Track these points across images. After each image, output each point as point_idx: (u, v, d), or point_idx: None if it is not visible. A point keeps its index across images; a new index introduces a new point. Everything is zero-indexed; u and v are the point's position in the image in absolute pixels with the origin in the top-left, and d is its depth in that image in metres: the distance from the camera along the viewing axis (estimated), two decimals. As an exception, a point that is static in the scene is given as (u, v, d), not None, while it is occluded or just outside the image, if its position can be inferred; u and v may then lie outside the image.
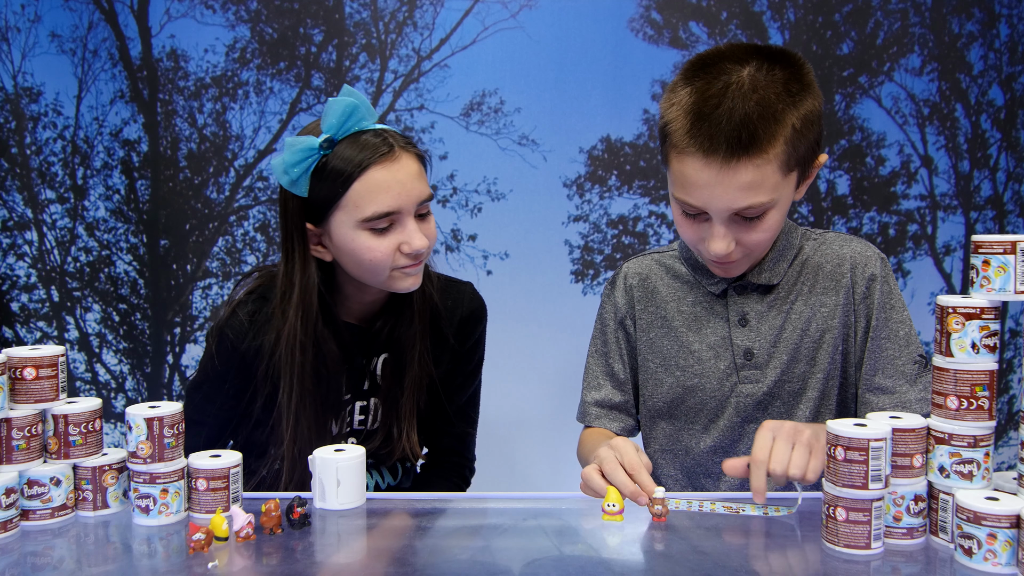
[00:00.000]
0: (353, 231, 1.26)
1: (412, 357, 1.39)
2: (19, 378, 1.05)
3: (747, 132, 1.10)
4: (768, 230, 1.19)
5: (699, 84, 1.15)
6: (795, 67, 1.17)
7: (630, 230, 2.49)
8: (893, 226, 2.52)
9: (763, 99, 1.12)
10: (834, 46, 2.47)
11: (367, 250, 1.27)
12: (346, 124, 1.25)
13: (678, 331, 1.36)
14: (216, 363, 1.37)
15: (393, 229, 1.27)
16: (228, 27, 2.43)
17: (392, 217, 1.26)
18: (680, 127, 1.15)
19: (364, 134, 1.26)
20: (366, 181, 1.24)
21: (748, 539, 1.03)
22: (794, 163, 1.16)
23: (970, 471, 0.96)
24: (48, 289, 2.52)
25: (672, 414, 1.37)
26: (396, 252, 1.27)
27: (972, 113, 2.51)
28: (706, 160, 1.13)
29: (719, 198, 1.15)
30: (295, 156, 1.25)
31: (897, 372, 1.27)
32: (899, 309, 1.30)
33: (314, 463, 1.12)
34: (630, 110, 2.44)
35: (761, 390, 1.30)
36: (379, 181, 1.24)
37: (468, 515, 1.18)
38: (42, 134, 2.48)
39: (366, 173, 1.24)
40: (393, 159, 1.25)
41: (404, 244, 1.27)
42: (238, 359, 1.37)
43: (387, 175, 1.25)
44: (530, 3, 2.42)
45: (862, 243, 1.33)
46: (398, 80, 2.46)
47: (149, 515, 1.06)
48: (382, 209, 1.25)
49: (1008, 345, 2.60)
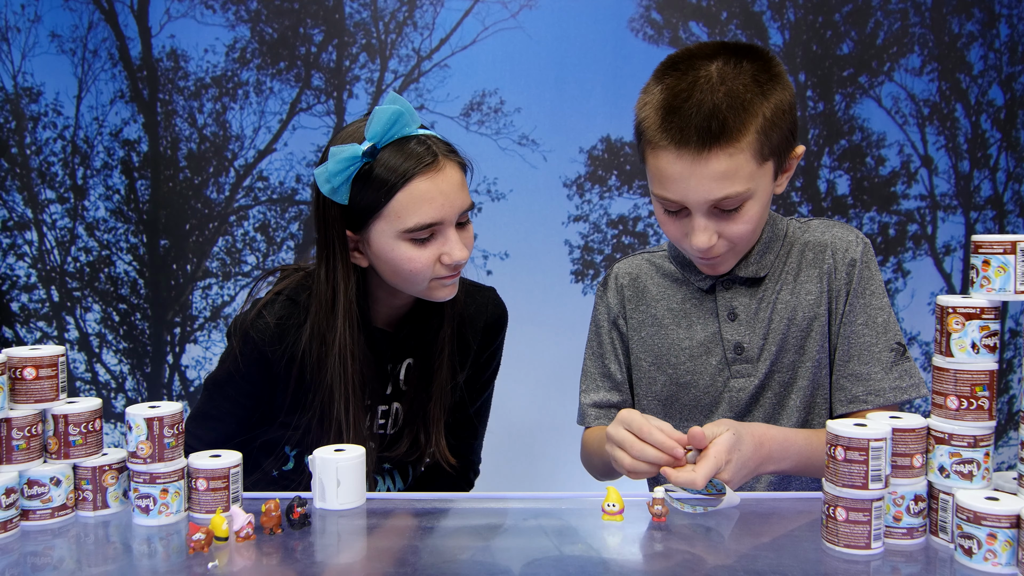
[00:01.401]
0: (394, 241, 1.25)
1: (440, 362, 1.38)
2: (19, 378, 1.05)
3: (717, 121, 1.13)
4: (749, 222, 1.20)
5: (669, 81, 1.18)
6: (763, 60, 1.20)
7: (630, 230, 2.49)
8: (893, 226, 2.52)
9: (731, 90, 1.15)
10: (834, 46, 2.47)
11: (407, 260, 1.25)
12: (390, 131, 1.24)
13: (668, 329, 1.36)
14: (240, 363, 1.34)
15: (434, 239, 1.26)
16: (228, 27, 2.43)
17: (434, 228, 1.25)
18: (652, 123, 1.18)
19: (409, 141, 1.25)
20: (409, 191, 1.22)
21: (748, 539, 1.03)
22: (768, 152, 1.17)
23: (970, 471, 0.96)
24: (48, 289, 2.52)
25: (667, 412, 1.37)
26: (436, 263, 1.26)
27: (972, 113, 2.51)
28: (678, 152, 1.15)
29: (694, 190, 1.17)
30: (339, 165, 1.23)
31: (873, 359, 1.27)
32: (878, 295, 1.29)
33: (314, 463, 1.12)
34: (630, 110, 2.41)
35: (753, 383, 1.30)
36: (423, 192, 1.23)
37: (468, 515, 1.18)
38: (42, 134, 2.48)
39: (410, 184, 1.22)
40: (437, 169, 1.24)
41: (445, 255, 1.26)
42: (263, 361, 1.34)
43: (430, 186, 1.23)
44: (530, 3, 2.42)
45: (844, 228, 1.33)
46: (398, 80, 2.46)
47: (149, 515, 1.06)
48: (424, 220, 1.23)
49: (1008, 345, 2.60)
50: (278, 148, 2.48)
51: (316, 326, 1.31)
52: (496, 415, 1.62)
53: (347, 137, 1.27)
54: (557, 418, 2.44)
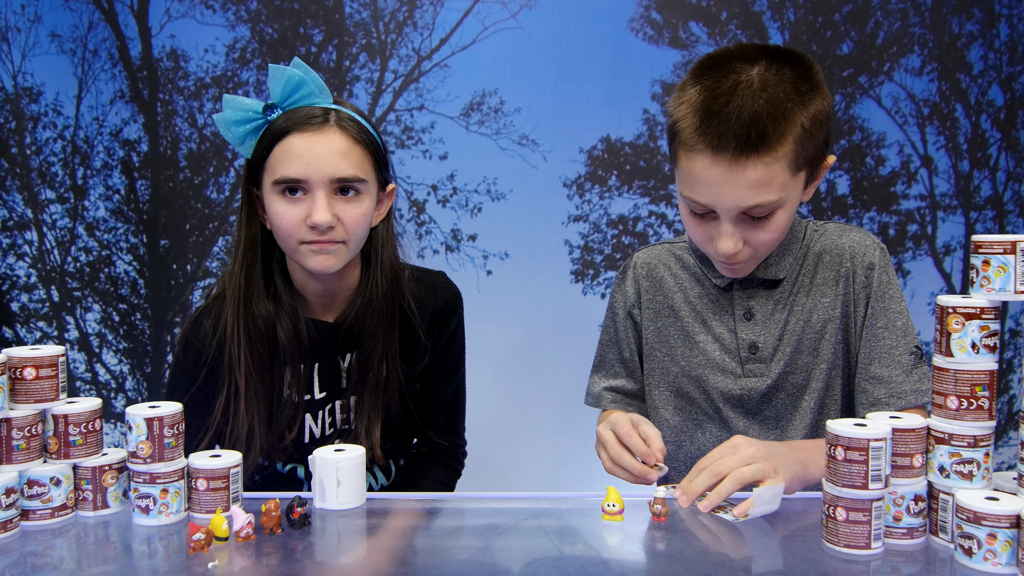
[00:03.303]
0: (271, 194, 1.29)
1: (373, 359, 1.39)
2: (19, 378, 1.05)
3: (756, 130, 1.11)
4: (776, 230, 1.20)
5: (708, 82, 1.16)
6: (804, 67, 1.17)
7: (630, 230, 2.49)
8: (893, 226, 2.52)
9: (772, 97, 1.12)
10: (834, 46, 2.47)
11: (277, 215, 1.29)
12: (291, 97, 1.29)
13: (684, 322, 1.37)
14: (183, 370, 1.40)
15: (304, 199, 1.28)
16: (228, 27, 2.43)
17: (302, 185, 1.28)
18: (689, 124, 1.16)
19: (310, 108, 1.29)
20: (284, 145, 1.27)
21: (748, 539, 1.03)
22: (803, 162, 1.16)
23: (970, 471, 0.96)
24: (48, 289, 2.52)
25: (677, 405, 1.38)
26: (303, 224, 1.28)
27: (972, 113, 2.51)
28: (715, 157, 1.13)
29: (727, 196, 1.15)
30: (236, 114, 1.29)
31: (894, 362, 1.27)
32: (897, 299, 1.30)
33: (314, 463, 1.12)
34: (630, 110, 2.44)
35: (765, 383, 1.31)
36: (293, 147, 1.27)
37: (468, 515, 1.17)
38: (42, 134, 2.48)
39: (286, 138, 1.27)
40: (317, 130, 1.28)
41: (309, 217, 1.27)
42: (203, 366, 1.39)
43: (303, 144, 1.27)
44: (530, 3, 2.42)
45: (861, 232, 1.34)
46: (398, 80, 2.46)
47: (149, 515, 1.06)
48: (289, 174, 1.27)
49: (1008, 345, 2.60)
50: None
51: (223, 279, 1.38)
52: (495, 414, 1.62)
53: None
54: (556, 418, 2.44)
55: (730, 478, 1.07)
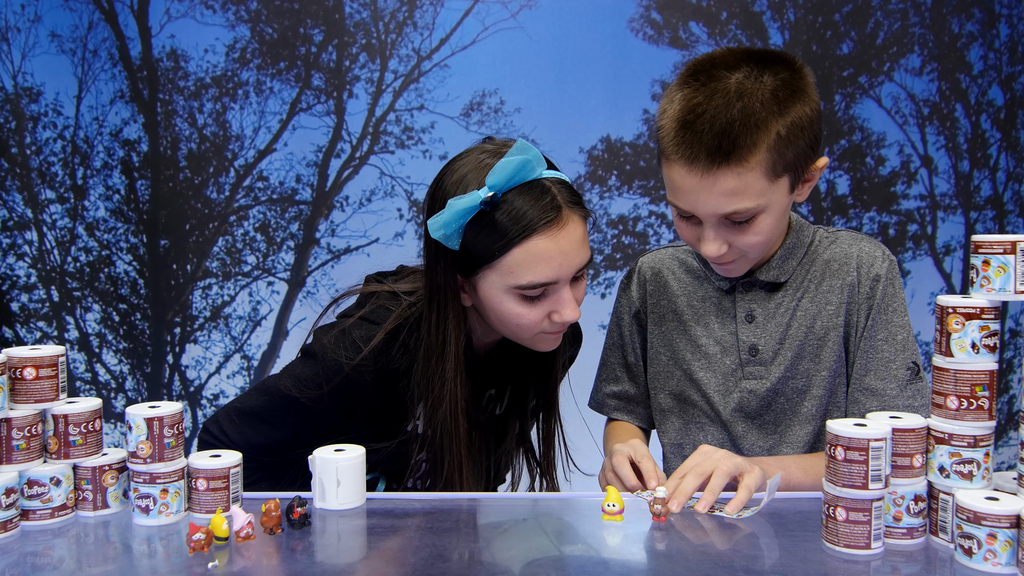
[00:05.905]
0: (503, 294, 1.18)
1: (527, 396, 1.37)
2: (19, 378, 1.05)
3: (727, 141, 1.12)
4: (760, 233, 1.20)
5: (688, 91, 1.18)
6: (789, 72, 1.18)
7: (630, 230, 2.49)
8: (893, 226, 2.52)
9: (747, 107, 1.14)
10: (834, 46, 2.47)
11: (515, 316, 1.19)
12: (514, 179, 1.15)
13: (687, 325, 1.37)
14: (324, 394, 1.24)
15: (546, 297, 1.18)
16: (228, 27, 2.43)
17: (548, 287, 1.17)
18: (667, 134, 1.19)
19: (532, 188, 1.16)
20: (527, 248, 1.14)
21: (748, 539, 1.03)
22: (782, 169, 1.17)
23: (970, 471, 0.96)
24: (48, 289, 2.52)
25: (680, 408, 1.38)
26: (545, 319, 1.20)
27: (972, 113, 2.51)
28: (689, 168, 1.16)
29: (704, 203, 1.18)
30: (455, 215, 1.15)
31: (889, 375, 1.27)
32: (900, 313, 1.30)
33: (314, 463, 1.12)
34: (630, 110, 2.44)
35: (765, 386, 1.31)
36: (541, 251, 1.14)
37: (468, 515, 1.17)
38: (42, 134, 2.48)
39: (529, 240, 1.14)
40: (559, 225, 1.15)
41: (555, 314, 1.19)
42: (351, 398, 1.26)
43: (550, 244, 1.15)
44: (530, 3, 2.42)
45: (872, 243, 1.34)
46: (398, 80, 2.46)
47: (149, 515, 1.06)
48: (539, 280, 1.15)
49: (1008, 345, 2.60)
50: (278, 148, 2.48)
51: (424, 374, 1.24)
52: (496, 415, 1.62)
53: (464, 179, 1.18)
54: (557, 418, 2.44)
55: (717, 473, 1.09)
